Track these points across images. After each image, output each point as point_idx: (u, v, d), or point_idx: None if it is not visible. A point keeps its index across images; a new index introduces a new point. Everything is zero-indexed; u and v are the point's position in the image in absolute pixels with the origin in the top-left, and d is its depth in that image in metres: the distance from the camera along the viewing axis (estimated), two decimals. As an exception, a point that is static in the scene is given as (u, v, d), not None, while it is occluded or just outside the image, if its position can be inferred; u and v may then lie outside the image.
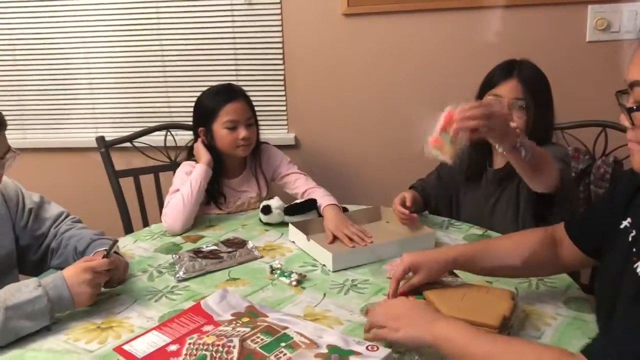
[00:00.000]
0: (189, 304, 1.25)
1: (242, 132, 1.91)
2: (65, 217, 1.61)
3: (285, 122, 2.46)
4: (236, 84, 2.34)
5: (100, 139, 2.15)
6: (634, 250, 0.97)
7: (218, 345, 0.98)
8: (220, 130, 1.91)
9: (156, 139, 2.29)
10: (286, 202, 1.83)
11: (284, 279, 1.40)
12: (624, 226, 1.03)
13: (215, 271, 1.48)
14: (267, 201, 1.78)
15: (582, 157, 1.99)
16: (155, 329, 1.07)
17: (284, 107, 2.44)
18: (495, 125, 1.24)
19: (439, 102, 2.37)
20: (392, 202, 1.77)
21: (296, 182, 1.97)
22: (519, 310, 1.17)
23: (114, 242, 1.37)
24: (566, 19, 2.19)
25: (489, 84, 1.68)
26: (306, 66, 2.39)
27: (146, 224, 2.17)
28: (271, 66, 2.40)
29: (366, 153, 2.42)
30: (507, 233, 1.54)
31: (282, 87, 2.42)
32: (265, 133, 2.38)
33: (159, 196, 2.22)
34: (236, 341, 0.99)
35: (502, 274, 1.27)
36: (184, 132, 2.26)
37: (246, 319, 1.08)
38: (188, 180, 1.85)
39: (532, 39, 2.23)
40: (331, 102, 2.42)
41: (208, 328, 1.06)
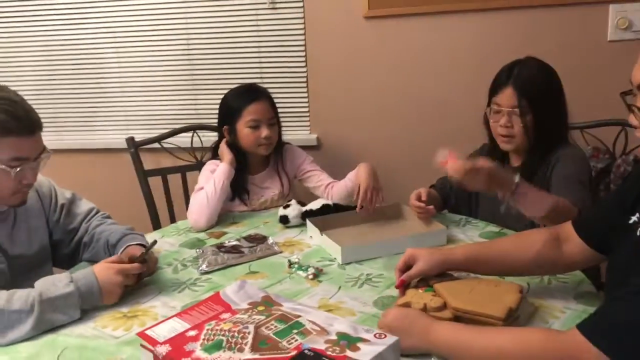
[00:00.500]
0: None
1: (264, 131, 1.97)
2: (96, 212, 1.69)
3: (307, 123, 2.51)
4: (260, 85, 2.42)
5: (130, 140, 2.24)
6: None
7: (234, 331, 1.03)
8: (243, 129, 1.98)
9: (183, 139, 2.37)
10: (306, 200, 1.89)
11: (301, 272, 1.45)
12: (632, 221, 1.05)
13: (237, 265, 1.54)
14: (284, 210, 1.82)
15: (602, 156, 1.99)
16: (176, 315, 1.12)
17: (306, 109, 2.49)
18: (480, 181, 1.37)
19: (461, 104, 2.39)
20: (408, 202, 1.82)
21: (319, 177, 2.07)
22: (527, 304, 1.20)
23: (153, 242, 1.44)
24: (587, 19, 2.19)
25: (492, 91, 1.70)
26: (328, 68, 2.44)
27: (173, 220, 2.25)
28: (294, 68, 2.46)
29: (387, 154, 2.45)
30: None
31: (304, 89, 2.47)
32: (287, 134, 2.44)
33: (186, 195, 2.30)
34: (251, 328, 1.04)
35: (505, 274, 1.29)
36: (210, 133, 2.34)
37: (262, 308, 1.13)
38: (212, 179, 1.92)
39: (554, 39, 2.23)
40: (353, 103, 2.46)
41: (226, 316, 1.11)
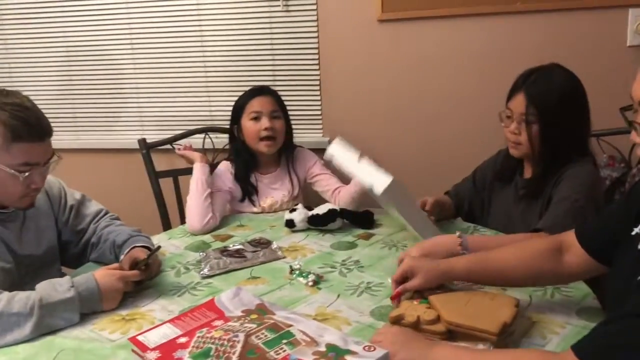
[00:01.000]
0: (209, 300, 1.32)
1: (264, 123, 1.99)
2: (105, 214, 1.72)
3: (320, 126, 2.51)
4: (273, 87, 2.42)
5: (142, 141, 2.27)
6: None
7: (224, 339, 1.04)
8: (247, 122, 2.03)
9: (196, 141, 2.39)
10: (317, 203, 1.89)
11: (301, 279, 1.44)
12: (635, 233, 1.03)
13: (239, 269, 1.55)
14: (291, 214, 1.82)
15: (618, 165, 1.94)
16: (169, 321, 1.14)
17: (319, 111, 2.49)
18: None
19: (475, 109, 2.35)
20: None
21: (328, 181, 2.09)
22: (524, 318, 1.17)
23: (157, 248, 1.45)
24: (606, 23, 2.13)
25: (509, 96, 1.64)
26: (341, 71, 2.43)
27: (183, 222, 2.25)
28: (307, 71, 2.45)
29: (400, 157, 2.43)
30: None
31: (317, 91, 2.47)
32: (300, 136, 2.45)
33: (197, 196, 2.31)
34: (241, 336, 1.04)
35: (506, 285, 1.27)
36: (222, 135, 2.35)
37: (254, 316, 1.13)
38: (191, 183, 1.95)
39: (572, 43, 2.18)
40: (365, 106, 2.44)
41: (218, 323, 1.12)
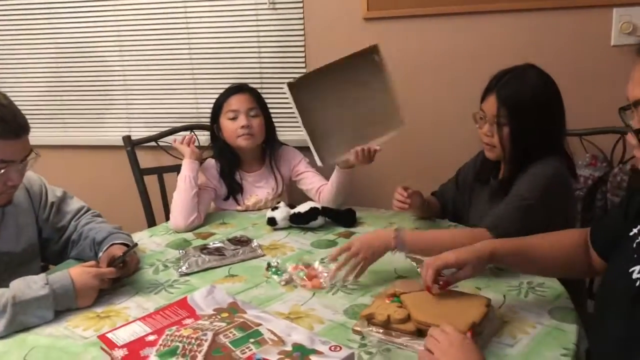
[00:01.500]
0: (184, 298, 1.32)
1: (241, 121, 2.00)
2: (86, 211, 1.72)
3: (306, 124, 2.50)
4: (260, 85, 2.43)
5: (127, 138, 2.26)
6: (635, 256, 0.99)
7: (192, 337, 1.04)
8: (225, 122, 2.04)
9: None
10: (303, 202, 1.90)
11: (275, 277, 1.45)
12: (633, 233, 1.04)
13: (217, 267, 1.55)
14: (272, 212, 1.83)
15: (600, 164, 1.95)
16: (140, 319, 1.14)
17: (306, 109, 2.48)
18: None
19: (460, 107, 2.34)
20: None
21: (312, 180, 2.10)
22: (494, 318, 1.18)
23: (134, 245, 1.46)
24: (591, 23, 2.13)
25: (482, 97, 1.61)
26: (328, 69, 2.42)
27: (168, 219, 2.26)
28: (294, 68, 2.44)
29: (384, 156, 2.43)
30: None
31: (304, 89, 2.46)
32: (287, 134, 2.44)
33: (182, 193, 2.31)
34: (210, 335, 1.05)
35: (539, 273, 1.31)
36: (208, 133, 2.35)
37: (225, 315, 1.14)
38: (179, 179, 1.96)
39: (555, 43, 2.18)
40: (352, 104, 2.43)
41: (188, 321, 1.12)
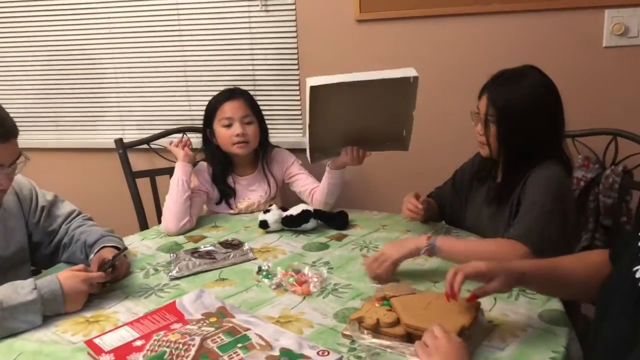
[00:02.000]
0: (174, 302, 1.31)
1: (236, 129, 1.99)
2: (77, 214, 1.71)
3: (299, 126, 2.50)
4: (253, 87, 2.43)
5: (119, 141, 2.26)
6: (639, 255, 0.99)
7: (180, 342, 1.04)
8: (219, 128, 2.03)
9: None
10: (291, 204, 1.89)
11: (266, 280, 1.44)
12: None
13: (208, 271, 1.54)
14: (264, 215, 1.82)
15: (592, 166, 1.94)
16: (127, 324, 1.13)
17: (298, 111, 2.48)
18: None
19: (454, 109, 2.34)
20: (400, 211, 1.81)
21: (304, 182, 2.09)
22: (484, 322, 1.17)
23: (123, 249, 1.45)
24: (582, 24, 2.12)
25: (479, 95, 1.62)
26: (320, 71, 2.37)
27: (160, 222, 2.26)
28: (286, 71, 2.44)
29: (378, 158, 2.43)
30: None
31: (297, 91, 2.45)
32: (280, 136, 2.45)
33: (174, 196, 2.30)
34: (197, 340, 1.04)
35: (564, 295, 1.24)
36: (200, 135, 2.34)
37: (213, 319, 1.13)
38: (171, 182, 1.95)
39: (548, 44, 2.18)
40: (345, 106, 2.43)
41: (176, 326, 1.12)
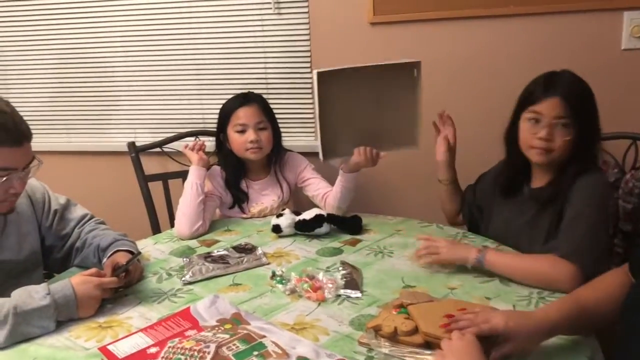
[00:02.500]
0: (188, 307, 1.29)
1: (250, 135, 1.98)
2: (89, 218, 1.70)
3: (312, 129, 2.48)
4: (265, 91, 2.41)
5: (131, 145, 2.25)
6: None
7: (195, 350, 1.02)
8: (232, 134, 2.01)
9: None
10: (304, 208, 1.87)
11: (280, 286, 1.42)
12: None
13: (221, 276, 1.53)
14: (277, 220, 1.80)
15: (611, 171, 1.91)
16: (141, 330, 1.12)
17: (311, 115, 2.47)
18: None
19: (468, 112, 2.31)
20: (415, 215, 1.81)
21: (317, 186, 2.07)
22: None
23: (137, 254, 1.43)
24: (601, 26, 2.09)
25: (528, 100, 1.55)
26: (333, 74, 2.40)
27: (172, 226, 2.25)
28: (299, 74, 2.43)
29: (392, 162, 2.40)
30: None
31: (309, 94, 2.44)
32: (292, 140, 2.43)
33: (187, 200, 2.29)
34: (213, 347, 1.02)
35: (594, 327, 1.18)
36: (214, 139, 2.33)
37: (228, 326, 1.11)
38: (185, 186, 1.93)
39: (565, 47, 2.15)
40: (358, 110, 2.41)
41: (191, 333, 1.10)
